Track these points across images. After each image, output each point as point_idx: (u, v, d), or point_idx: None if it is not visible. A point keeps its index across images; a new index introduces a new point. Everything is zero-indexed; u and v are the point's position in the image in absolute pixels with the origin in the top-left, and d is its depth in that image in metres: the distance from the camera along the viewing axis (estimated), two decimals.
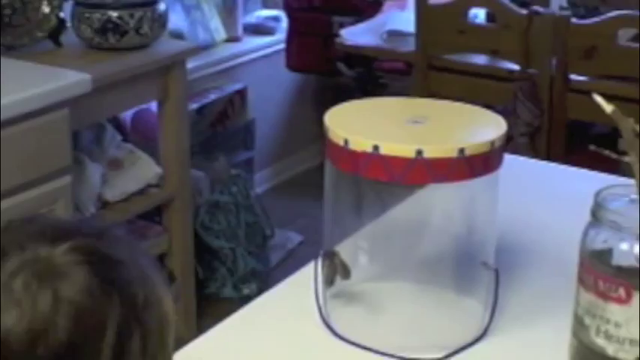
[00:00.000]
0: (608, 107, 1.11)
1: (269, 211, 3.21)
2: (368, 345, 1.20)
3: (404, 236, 1.32)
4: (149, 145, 2.78)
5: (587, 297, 1.10)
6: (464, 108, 1.27)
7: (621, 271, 1.08)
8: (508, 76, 2.87)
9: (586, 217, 1.11)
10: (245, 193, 3.08)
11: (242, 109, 3.39)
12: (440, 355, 1.20)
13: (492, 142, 1.16)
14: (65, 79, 2.16)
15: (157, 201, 2.68)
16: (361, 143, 1.14)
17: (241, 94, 3.39)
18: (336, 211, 1.26)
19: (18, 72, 2.20)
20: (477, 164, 1.15)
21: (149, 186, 2.65)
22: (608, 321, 1.09)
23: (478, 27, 2.94)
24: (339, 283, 1.27)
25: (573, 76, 2.80)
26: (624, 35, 2.77)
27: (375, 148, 1.13)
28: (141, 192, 2.63)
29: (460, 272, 1.28)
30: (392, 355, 1.19)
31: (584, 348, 1.11)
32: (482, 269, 1.24)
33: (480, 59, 2.94)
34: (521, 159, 1.78)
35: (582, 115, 2.78)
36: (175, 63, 2.59)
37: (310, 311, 1.26)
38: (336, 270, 1.26)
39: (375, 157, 1.13)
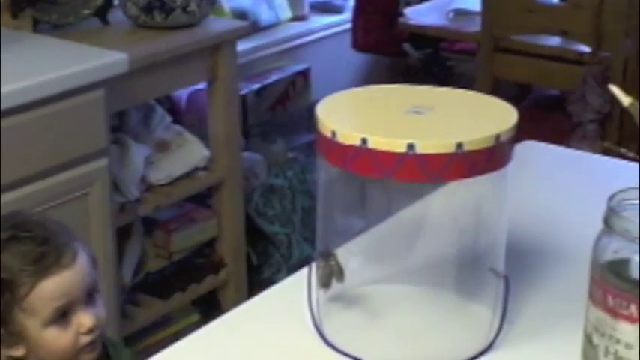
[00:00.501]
0: (625, 100, 0.98)
1: None
2: (359, 355, 1.10)
3: (406, 237, 1.21)
4: (204, 127, 2.72)
5: (596, 313, 0.98)
6: (474, 97, 1.15)
7: (634, 285, 0.95)
8: (578, 59, 2.71)
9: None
10: (302, 177, 2.99)
11: (304, 91, 3.30)
12: None
13: (497, 137, 1.04)
14: (101, 59, 2.10)
15: (205, 185, 2.61)
16: (349, 136, 1.04)
17: (304, 74, 3.30)
18: (331, 209, 1.16)
19: (54, 51, 2.15)
20: (478, 161, 1.03)
21: (197, 169, 2.59)
22: (618, 341, 0.96)
23: (547, 6, 2.78)
24: (336, 286, 1.17)
25: None
26: None
27: (364, 141, 1.02)
28: (188, 175, 2.56)
29: (467, 276, 1.17)
30: None
31: None
32: (490, 277, 1.13)
33: (549, 41, 2.79)
34: (549, 146, 1.64)
35: None
36: (224, 42, 2.51)
37: (302, 316, 1.16)
38: (332, 272, 1.16)
39: (363, 152, 1.02)
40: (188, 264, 2.67)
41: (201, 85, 2.79)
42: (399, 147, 1.01)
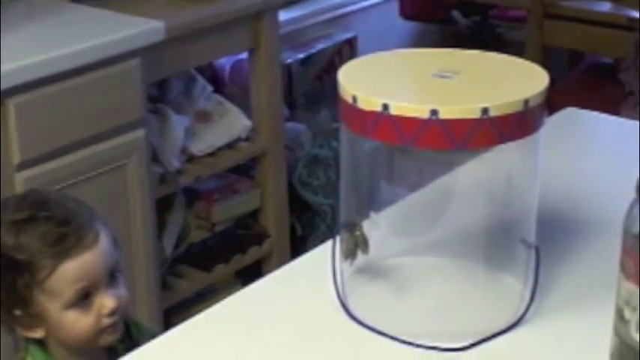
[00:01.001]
0: None
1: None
2: (385, 330, 1.06)
3: (433, 208, 1.17)
4: (246, 97, 2.69)
5: (628, 286, 0.93)
6: (505, 61, 1.10)
7: None
8: (629, 25, 2.62)
9: None
10: None
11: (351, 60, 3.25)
12: (466, 343, 1.05)
13: (525, 102, 0.99)
14: (136, 27, 2.08)
15: (247, 155, 2.59)
16: (370, 101, 0.99)
17: (351, 43, 3.24)
18: (355, 178, 1.12)
19: (91, 20, 2.13)
20: (505, 128, 0.98)
21: (239, 140, 2.56)
22: None
23: None
24: (362, 258, 1.13)
25: None
26: None
27: (385, 107, 0.98)
28: (230, 146, 2.54)
29: (497, 248, 1.12)
30: (411, 343, 1.05)
31: (624, 346, 0.94)
32: (521, 249, 1.08)
33: (600, 6, 2.70)
34: (593, 114, 1.58)
35: None
36: (266, 10, 2.47)
37: (327, 290, 1.12)
38: (357, 243, 1.13)
39: (384, 118, 0.98)
40: (231, 235, 2.65)
41: (245, 55, 2.76)
42: (422, 112, 0.97)
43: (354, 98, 1.01)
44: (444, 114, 0.96)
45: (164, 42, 2.13)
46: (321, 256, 1.20)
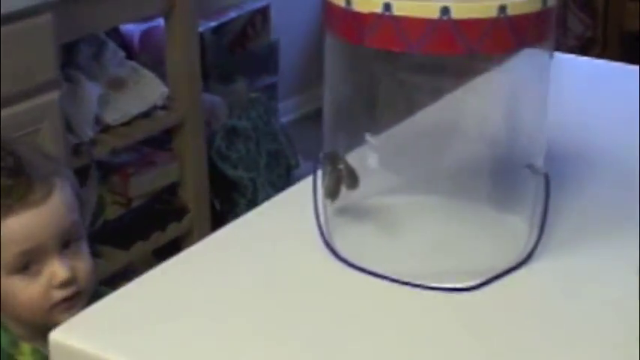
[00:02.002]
0: None
1: (294, 144, 2.93)
2: (378, 270, 0.92)
3: (426, 139, 1.04)
4: (160, 67, 2.52)
5: None
6: None
7: None
8: None
9: None
10: (266, 119, 2.80)
11: (264, 30, 3.10)
12: (472, 283, 0.92)
13: (544, 0, 0.86)
14: None
15: (165, 124, 2.42)
16: (368, 1, 0.85)
17: (263, 12, 3.10)
18: (341, 101, 0.97)
19: None
20: (524, 29, 0.85)
21: (155, 108, 2.39)
22: None
23: None
24: (345, 195, 0.99)
25: None
26: None
27: (387, 6, 0.84)
28: (146, 115, 2.36)
29: (500, 182, 1.00)
30: (409, 284, 0.91)
31: None
32: (527, 179, 0.95)
33: None
34: (571, 56, 1.48)
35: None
36: None
37: (308, 230, 0.98)
38: (341, 178, 0.98)
39: (386, 20, 0.84)
40: (149, 211, 2.47)
41: (156, 23, 2.58)
42: (431, 11, 0.83)
43: (348, 0, 0.86)
44: (457, 13, 0.83)
45: (72, 1, 1.94)
46: (294, 197, 1.06)
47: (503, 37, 0.84)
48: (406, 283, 0.91)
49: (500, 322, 0.88)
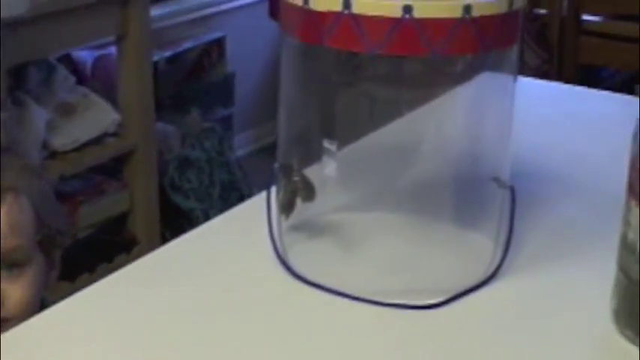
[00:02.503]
0: None
1: (249, 176, 2.88)
2: (336, 287, 0.87)
3: (392, 154, 1.00)
4: (112, 94, 2.46)
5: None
6: None
7: None
8: None
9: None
10: (220, 149, 2.75)
11: (220, 61, 3.06)
12: (435, 301, 0.86)
13: (510, 2, 0.82)
14: None
15: (116, 151, 2.35)
16: (327, 0, 0.80)
17: (219, 43, 3.07)
18: (297, 110, 0.92)
19: None
20: (489, 30, 0.81)
21: (106, 135, 2.32)
22: None
23: None
24: (302, 209, 0.94)
25: (586, 17, 2.47)
26: None
27: (346, 4, 0.79)
28: (97, 141, 2.30)
29: (464, 200, 0.95)
30: (369, 301, 0.86)
31: (634, 284, 0.78)
32: (492, 195, 0.91)
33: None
34: (530, 80, 1.45)
35: (595, 59, 2.45)
36: None
37: (262, 245, 0.92)
38: (296, 191, 0.93)
39: (345, 19, 0.80)
40: (96, 242, 2.40)
41: (108, 51, 2.53)
42: (393, 10, 0.78)
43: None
44: (420, 12, 0.78)
45: (23, 22, 1.88)
46: (249, 211, 1.00)
47: (468, 39, 0.80)
48: (366, 301, 0.86)
49: (463, 340, 0.82)
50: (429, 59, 0.89)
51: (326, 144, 0.87)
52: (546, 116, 1.31)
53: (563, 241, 0.97)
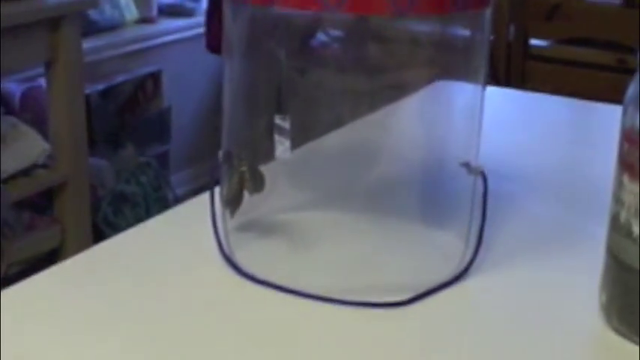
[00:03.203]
0: None
1: None
2: (287, 284, 0.77)
3: (351, 153, 0.92)
4: (42, 126, 2.35)
5: (635, 188, 0.69)
6: None
7: None
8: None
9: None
10: (156, 185, 2.64)
11: (156, 95, 2.96)
12: (402, 298, 0.77)
13: None
14: None
15: (46, 184, 2.23)
16: None
17: (155, 77, 2.97)
18: (244, 88, 0.83)
19: None
20: None
21: (36, 166, 2.20)
22: None
23: None
24: (251, 205, 0.84)
25: (533, 41, 2.43)
26: None
27: None
28: (25, 173, 2.17)
29: (429, 195, 0.87)
30: (328, 299, 0.76)
31: (627, 270, 0.70)
32: (459, 186, 0.82)
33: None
34: (495, 88, 1.39)
35: (542, 85, 2.41)
36: (65, 16, 2.14)
37: (205, 243, 0.82)
38: (243, 182, 0.83)
39: None
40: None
41: (38, 82, 2.42)
42: None
43: None
44: None
45: None
46: (196, 206, 0.90)
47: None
48: (324, 299, 0.76)
49: (432, 340, 0.73)
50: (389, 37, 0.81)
51: (277, 120, 0.77)
52: (515, 121, 1.25)
53: (535, 239, 0.89)
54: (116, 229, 2.52)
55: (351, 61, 0.94)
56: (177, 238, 0.85)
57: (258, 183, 0.82)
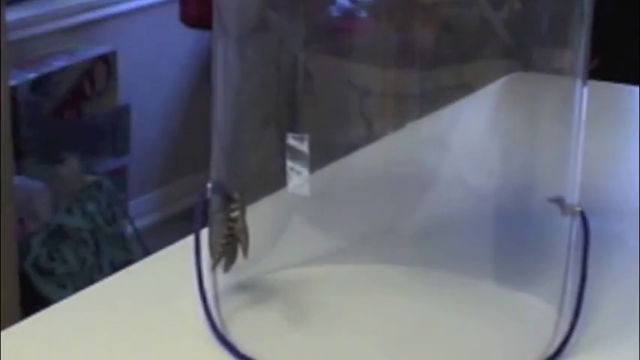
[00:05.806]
0: None
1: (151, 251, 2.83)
2: None
3: (392, 172, 0.96)
4: None
5: None
6: None
7: None
8: None
9: None
10: (109, 215, 2.70)
11: (108, 88, 3.02)
12: None
13: None
14: None
15: None
16: None
17: (107, 62, 3.02)
18: (238, 105, 0.86)
19: None
20: None
21: None
22: None
23: None
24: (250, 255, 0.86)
25: None
26: None
27: None
28: None
29: (508, 242, 0.91)
30: None
31: None
32: (549, 231, 0.85)
33: None
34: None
35: None
36: None
37: (189, 310, 0.85)
38: (236, 235, 0.85)
39: None
40: None
41: None
42: None
43: None
44: None
45: None
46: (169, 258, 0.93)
47: None
48: None
49: None
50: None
51: (291, 140, 0.78)
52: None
53: None
54: (51, 277, 2.58)
55: (391, 43, 0.96)
56: (150, 304, 0.88)
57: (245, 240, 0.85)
